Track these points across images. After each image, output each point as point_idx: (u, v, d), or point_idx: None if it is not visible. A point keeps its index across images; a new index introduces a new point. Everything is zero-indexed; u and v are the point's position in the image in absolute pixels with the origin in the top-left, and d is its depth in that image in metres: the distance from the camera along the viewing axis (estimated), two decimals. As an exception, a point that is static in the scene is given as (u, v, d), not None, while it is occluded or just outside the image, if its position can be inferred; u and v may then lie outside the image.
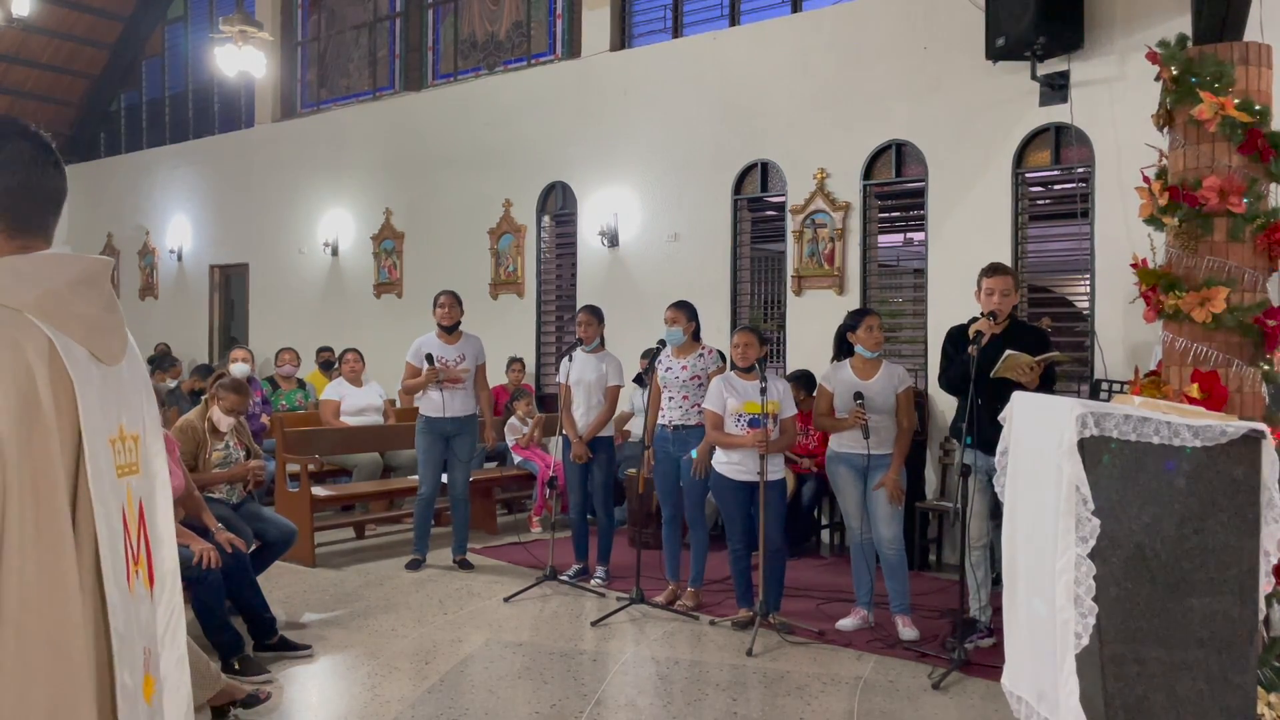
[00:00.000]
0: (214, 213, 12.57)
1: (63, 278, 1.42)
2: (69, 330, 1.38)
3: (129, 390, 1.53)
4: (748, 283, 8.16)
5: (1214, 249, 3.63)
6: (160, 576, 1.58)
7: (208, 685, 3.75)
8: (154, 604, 1.55)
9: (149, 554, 1.54)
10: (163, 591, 1.59)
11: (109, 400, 1.45)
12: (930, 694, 4.31)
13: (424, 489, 6.50)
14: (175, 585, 1.63)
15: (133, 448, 1.52)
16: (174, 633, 1.61)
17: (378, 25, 11.13)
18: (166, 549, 1.62)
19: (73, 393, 1.36)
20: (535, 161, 9.33)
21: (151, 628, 1.53)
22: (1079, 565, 2.74)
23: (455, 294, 6.57)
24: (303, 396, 8.82)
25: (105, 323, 1.46)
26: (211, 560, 4.40)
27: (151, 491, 1.59)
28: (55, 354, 1.35)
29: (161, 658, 1.56)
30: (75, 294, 1.42)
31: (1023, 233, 6.78)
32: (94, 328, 1.43)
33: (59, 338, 1.36)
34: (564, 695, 4.28)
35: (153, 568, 1.55)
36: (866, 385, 5.10)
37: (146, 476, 1.56)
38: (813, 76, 7.62)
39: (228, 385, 5.24)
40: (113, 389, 1.47)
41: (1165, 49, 3.75)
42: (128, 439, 1.50)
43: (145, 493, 1.56)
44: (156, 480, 1.61)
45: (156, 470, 1.61)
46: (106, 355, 1.46)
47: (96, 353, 1.43)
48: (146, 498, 1.56)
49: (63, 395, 1.35)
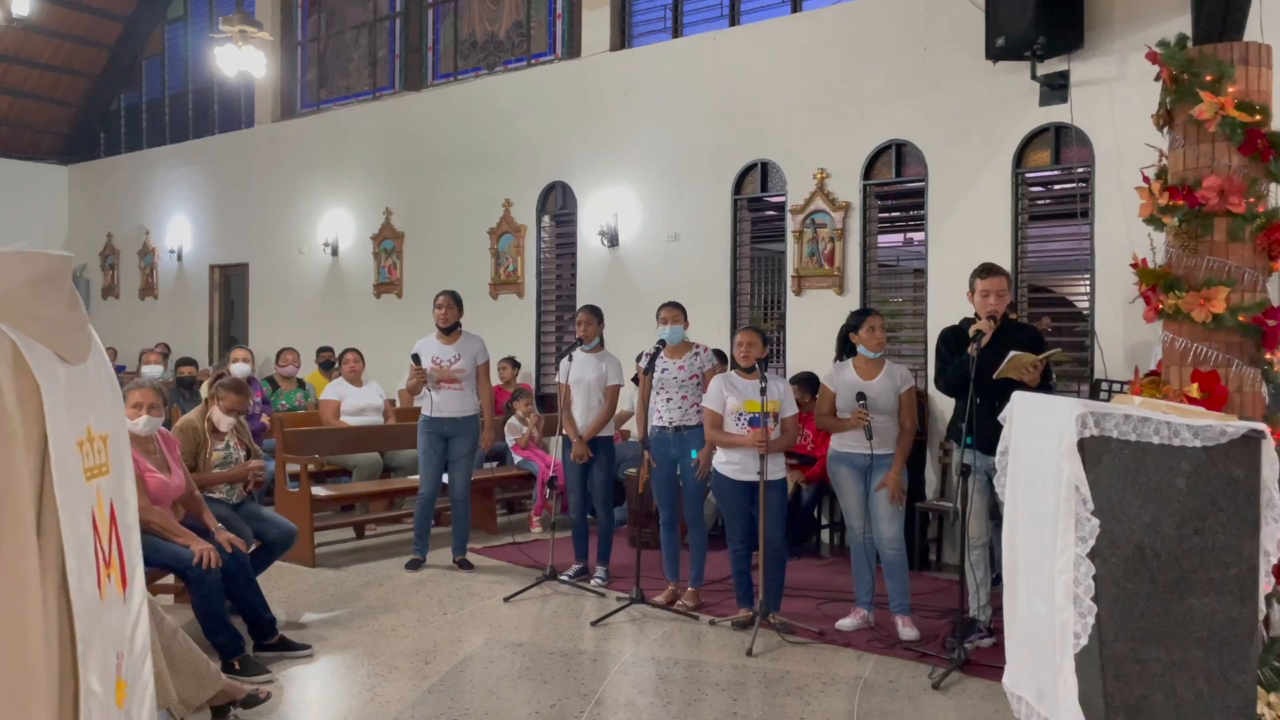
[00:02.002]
0: (214, 213, 12.57)
1: (21, 277, 1.36)
2: (31, 331, 1.34)
3: (95, 389, 1.48)
4: (748, 283, 8.16)
5: (1214, 249, 3.63)
6: (131, 577, 1.55)
7: (208, 685, 3.75)
8: (125, 606, 1.52)
9: (121, 555, 1.51)
10: (133, 591, 1.56)
11: (76, 401, 1.41)
12: (930, 694, 4.31)
13: (424, 489, 6.49)
14: (141, 584, 1.60)
15: (101, 448, 1.48)
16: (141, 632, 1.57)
17: (378, 25, 11.13)
18: (134, 545, 1.58)
19: (39, 396, 1.32)
20: (535, 161, 9.32)
21: (123, 631, 1.50)
22: (1079, 565, 2.74)
23: (454, 294, 6.56)
24: (303, 396, 8.82)
25: (68, 321, 1.42)
26: (211, 560, 4.40)
27: (121, 490, 1.55)
28: (19, 356, 1.31)
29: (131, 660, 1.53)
30: (36, 293, 1.37)
31: (1023, 233, 6.78)
32: (57, 327, 1.39)
33: (21, 339, 1.32)
34: (564, 695, 4.28)
35: (125, 569, 1.52)
36: (869, 386, 5.10)
37: (116, 476, 1.53)
38: (813, 76, 7.62)
39: (228, 385, 5.24)
40: (79, 389, 1.43)
41: (1165, 49, 3.75)
42: (96, 439, 1.46)
43: (115, 492, 1.52)
44: (126, 477, 1.57)
45: (125, 467, 1.57)
46: (71, 354, 1.42)
47: (61, 352, 1.39)
48: (117, 498, 1.52)
49: (28, 399, 1.30)
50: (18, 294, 1.34)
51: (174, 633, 3.67)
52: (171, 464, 4.66)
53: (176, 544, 4.43)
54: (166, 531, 4.45)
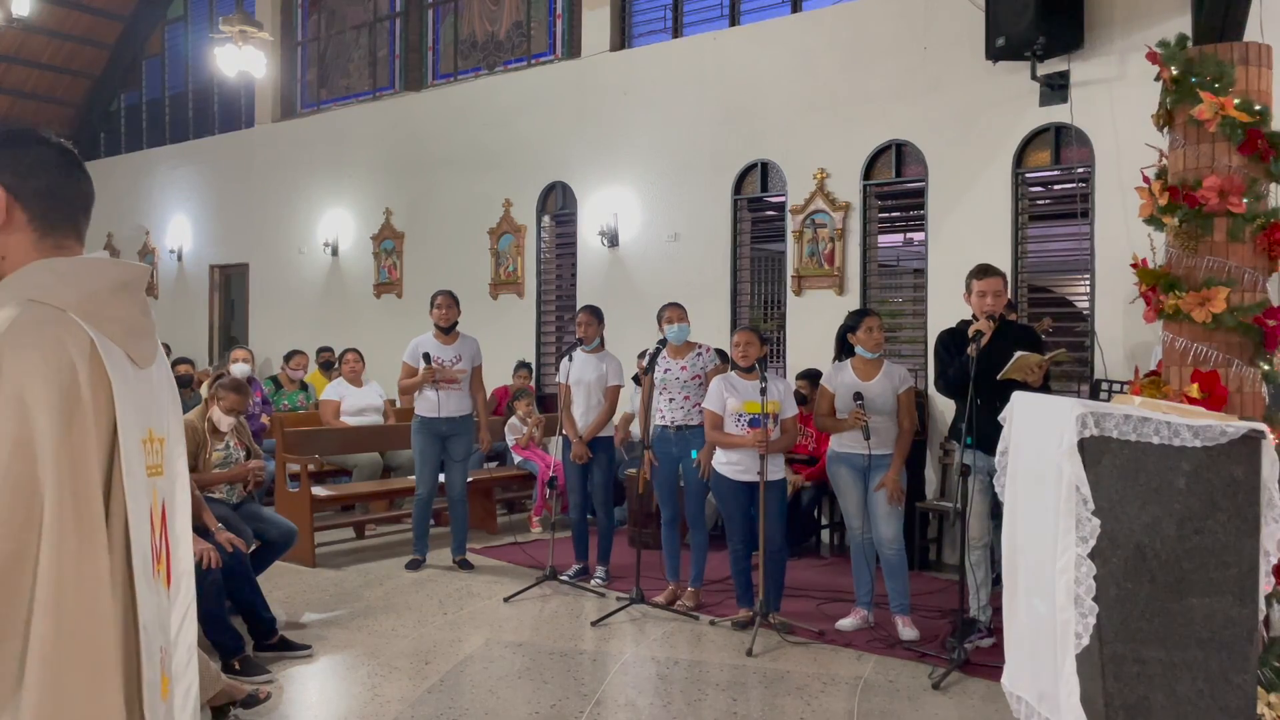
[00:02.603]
0: (214, 213, 12.57)
1: (104, 281, 1.46)
2: (108, 332, 1.42)
3: (158, 393, 1.57)
4: (748, 283, 8.16)
5: (1214, 249, 3.63)
6: (176, 577, 1.61)
7: (208, 685, 3.75)
8: (170, 604, 1.58)
9: (169, 554, 1.58)
10: (178, 592, 1.62)
11: (141, 402, 1.49)
12: (930, 694, 4.31)
13: (421, 490, 6.49)
14: (190, 586, 1.66)
15: (158, 450, 1.55)
16: (186, 633, 1.64)
17: (378, 25, 11.13)
18: (183, 549, 1.66)
19: (110, 393, 1.39)
20: (535, 161, 9.32)
21: (167, 627, 1.56)
22: (1079, 565, 2.74)
23: (452, 294, 6.56)
24: (303, 397, 8.82)
25: (141, 327, 1.51)
26: (211, 560, 4.40)
27: (173, 493, 1.62)
28: (96, 354, 1.38)
29: (175, 657, 1.58)
30: (115, 297, 1.46)
31: (1023, 233, 6.78)
32: (131, 331, 1.47)
33: (99, 339, 1.40)
34: (564, 695, 4.28)
35: (170, 568, 1.59)
36: (867, 386, 5.10)
37: (169, 478, 1.60)
38: (813, 76, 7.62)
39: (228, 385, 5.24)
40: (144, 391, 1.51)
41: (1165, 49, 3.75)
42: (155, 441, 1.54)
43: (167, 494, 1.59)
44: (178, 482, 1.64)
45: (179, 472, 1.65)
46: (141, 358, 1.50)
47: (132, 355, 1.47)
48: (168, 499, 1.60)
49: (101, 395, 1.38)
50: (101, 296, 1.44)
51: (174, 633, 3.67)
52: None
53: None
54: (167, 531, 4.45)
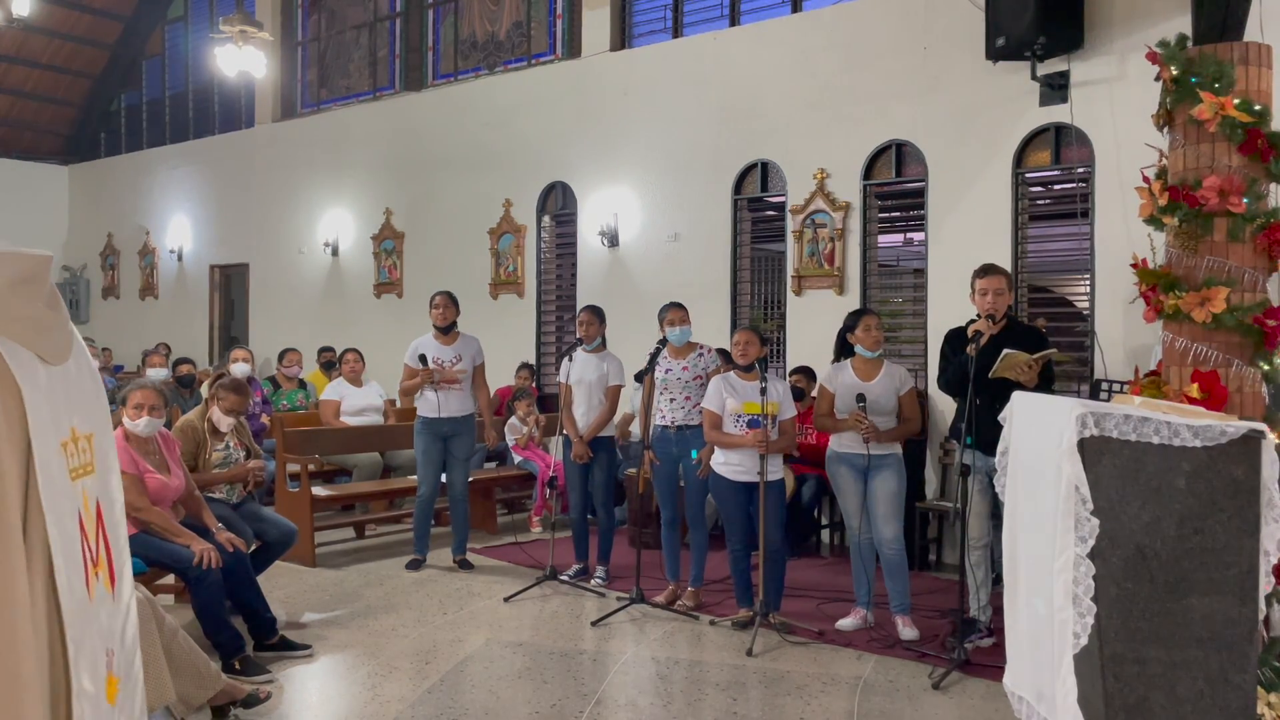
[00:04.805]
0: (214, 213, 12.57)
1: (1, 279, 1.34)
2: (11, 333, 1.33)
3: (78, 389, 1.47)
4: (748, 283, 8.16)
5: (1214, 249, 3.64)
6: (119, 573, 1.54)
7: (208, 685, 3.75)
8: (115, 603, 1.52)
9: (109, 554, 1.51)
10: (122, 589, 1.55)
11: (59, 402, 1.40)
12: (930, 694, 4.31)
13: (423, 490, 6.49)
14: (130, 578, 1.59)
15: (86, 448, 1.47)
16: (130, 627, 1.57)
17: (378, 25, 11.13)
18: (123, 542, 1.58)
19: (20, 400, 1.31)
20: (535, 161, 9.33)
21: (113, 628, 1.50)
22: (1078, 565, 2.74)
23: (450, 294, 6.55)
24: (303, 397, 8.82)
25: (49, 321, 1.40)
26: (212, 560, 4.40)
27: (108, 489, 1.54)
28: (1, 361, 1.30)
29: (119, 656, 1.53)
30: (14, 294, 1.35)
31: (1023, 233, 6.78)
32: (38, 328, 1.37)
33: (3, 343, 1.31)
34: (564, 695, 4.28)
35: (114, 568, 1.52)
36: (868, 387, 5.10)
37: (101, 475, 1.52)
38: (813, 76, 7.62)
39: (228, 385, 5.24)
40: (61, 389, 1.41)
41: (1165, 49, 3.76)
42: (80, 439, 1.45)
43: (100, 491, 1.51)
44: (112, 474, 1.56)
45: (111, 464, 1.57)
46: (53, 355, 1.41)
47: (42, 353, 1.38)
48: (103, 496, 1.52)
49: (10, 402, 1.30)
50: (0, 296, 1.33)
51: (174, 633, 3.67)
52: (171, 464, 4.66)
53: (176, 544, 4.44)
54: (167, 532, 4.45)
